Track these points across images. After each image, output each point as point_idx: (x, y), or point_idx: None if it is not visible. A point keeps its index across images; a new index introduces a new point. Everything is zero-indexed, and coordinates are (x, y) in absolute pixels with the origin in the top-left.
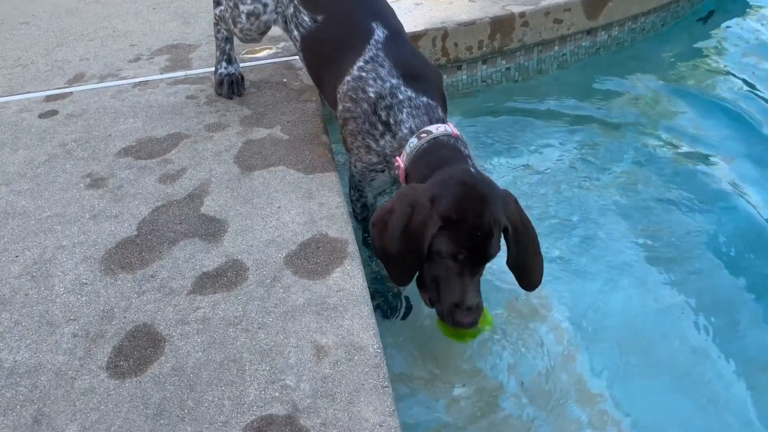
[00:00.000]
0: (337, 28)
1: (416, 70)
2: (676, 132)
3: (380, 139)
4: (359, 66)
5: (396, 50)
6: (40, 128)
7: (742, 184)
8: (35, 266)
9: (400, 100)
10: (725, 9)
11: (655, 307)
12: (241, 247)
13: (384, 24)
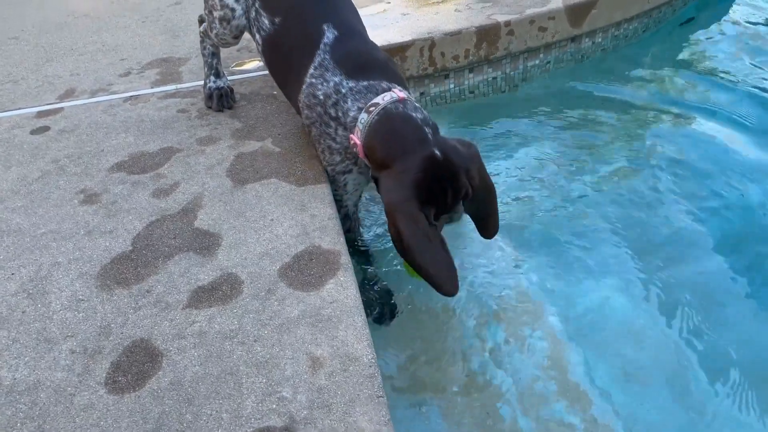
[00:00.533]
0: (292, 32)
1: (360, 62)
2: (662, 136)
3: (335, 135)
4: (311, 73)
5: (341, 49)
6: (32, 144)
7: (731, 187)
8: (31, 283)
9: (344, 93)
10: (705, 15)
11: (647, 309)
12: (236, 260)
13: (335, 24)
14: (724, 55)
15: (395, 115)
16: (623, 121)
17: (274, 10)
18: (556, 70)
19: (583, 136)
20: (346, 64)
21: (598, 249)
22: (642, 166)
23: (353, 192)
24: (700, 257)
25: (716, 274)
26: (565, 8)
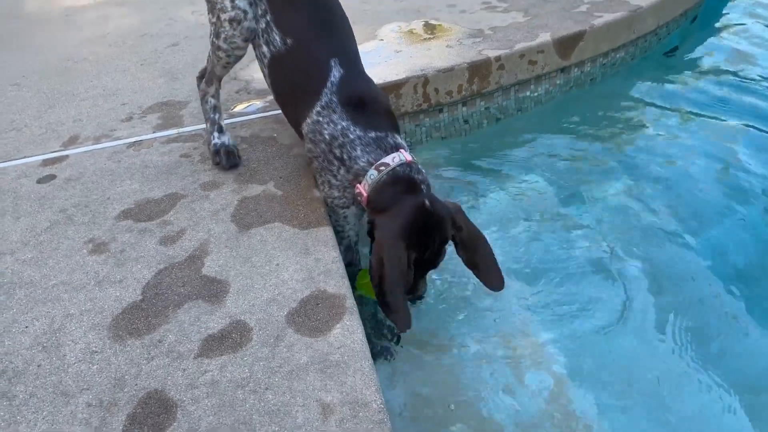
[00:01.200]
0: (301, 60)
1: (365, 108)
2: (655, 161)
3: (337, 173)
4: (317, 111)
5: (347, 91)
6: (39, 194)
7: (723, 212)
8: (45, 336)
9: (351, 139)
10: (689, 43)
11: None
12: (244, 306)
13: (341, 60)
14: (706, 80)
15: (401, 177)
16: (615, 146)
17: (286, 30)
18: (547, 99)
19: (577, 164)
20: (353, 109)
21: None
22: (638, 192)
23: (354, 224)
24: (701, 285)
25: (718, 302)
26: (554, 41)
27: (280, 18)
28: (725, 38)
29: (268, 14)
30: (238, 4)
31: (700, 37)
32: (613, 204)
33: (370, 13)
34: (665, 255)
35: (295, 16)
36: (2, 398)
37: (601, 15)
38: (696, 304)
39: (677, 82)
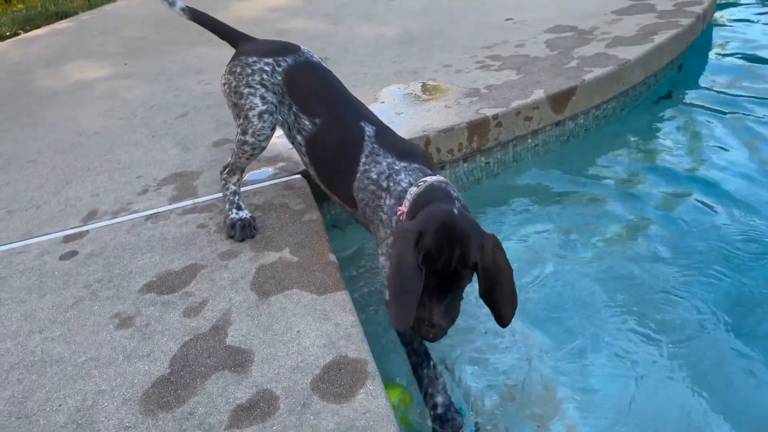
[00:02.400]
0: (335, 129)
1: (406, 149)
2: (650, 206)
3: (384, 206)
4: (363, 161)
5: (386, 139)
6: (63, 271)
7: (718, 253)
8: (78, 414)
9: (397, 170)
10: (681, 89)
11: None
12: (269, 375)
13: (369, 122)
14: (699, 124)
15: (437, 188)
16: (611, 193)
17: (312, 113)
18: (544, 152)
19: (577, 212)
20: (394, 149)
21: (605, 327)
22: (636, 239)
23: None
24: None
25: (723, 345)
26: (547, 98)
27: (304, 106)
28: (712, 85)
29: (293, 106)
30: (267, 98)
31: (690, 84)
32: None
33: (369, 76)
34: (666, 298)
35: (315, 100)
36: None
37: (591, 70)
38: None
39: (670, 127)
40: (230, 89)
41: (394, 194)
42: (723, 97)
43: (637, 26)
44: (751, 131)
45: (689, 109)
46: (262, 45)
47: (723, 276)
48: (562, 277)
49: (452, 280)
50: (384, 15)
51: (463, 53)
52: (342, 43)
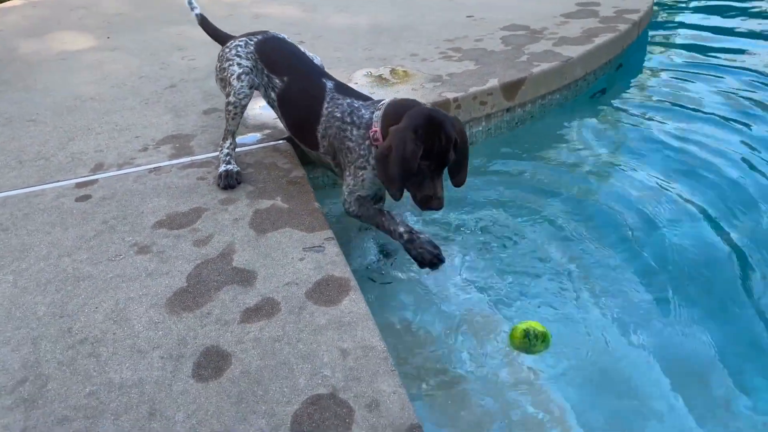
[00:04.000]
0: (300, 84)
1: (361, 95)
2: (587, 183)
3: (351, 135)
4: (326, 107)
5: (344, 90)
6: (80, 210)
7: (639, 226)
8: (114, 313)
9: (356, 107)
10: (615, 86)
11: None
12: (271, 288)
13: (328, 79)
14: (630, 117)
15: (397, 101)
16: (551, 172)
17: (281, 73)
18: (496, 134)
19: (522, 188)
20: (352, 95)
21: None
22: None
23: (369, 188)
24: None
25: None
26: (500, 86)
27: (273, 68)
28: (645, 83)
29: (265, 69)
30: (243, 63)
31: (624, 82)
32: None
33: (342, 60)
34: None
35: (282, 63)
36: (90, 356)
37: (538, 64)
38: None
39: (603, 119)
40: (217, 71)
41: (359, 125)
42: (653, 94)
43: (581, 29)
44: (672, 124)
45: (622, 104)
46: (239, 36)
47: (645, 245)
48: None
49: (442, 159)
50: (357, 6)
51: (428, 44)
52: (317, 30)
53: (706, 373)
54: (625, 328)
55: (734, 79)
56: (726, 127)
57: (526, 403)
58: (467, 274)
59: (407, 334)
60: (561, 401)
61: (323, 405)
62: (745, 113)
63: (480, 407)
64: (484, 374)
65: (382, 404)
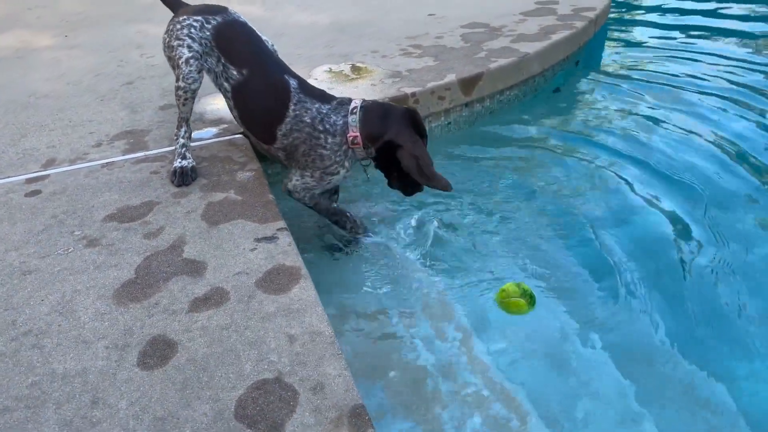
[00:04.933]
0: (261, 79)
1: (324, 95)
2: (543, 172)
3: (326, 144)
4: (292, 108)
5: (309, 90)
6: (30, 205)
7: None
8: (60, 305)
9: (325, 112)
10: (573, 82)
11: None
12: (220, 278)
13: (291, 76)
14: (585, 113)
15: (370, 104)
16: (510, 165)
17: (240, 65)
18: (455, 129)
19: (480, 183)
20: (318, 97)
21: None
22: (529, 206)
23: (327, 188)
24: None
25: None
26: (458, 81)
27: (232, 58)
28: (602, 79)
29: (222, 58)
30: (194, 47)
31: (582, 78)
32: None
33: (303, 57)
34: (552, 248)
35: (242, 54)
36: (33, 348)
37: (496, 60)
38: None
39: (560, 114)
40: (165, 45)
41: (333, 133)
42: (609, 89)
43: (539, 26)
44: (629, 118)
45: (580, 99)
46: (193, 7)
47: (597, 235)
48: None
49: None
50: (318, 5)
51: (389, 42)
52: (278, 28)
53: (652, 359)
54: (577, 315)
55: (691, 73)
56: (681, 119)
57: (480, 385)
58: (422, 263)
59: (361, 319)
60: (513, 385)
61: (268, 389)
62: (700, 106)
63: (433, 389)
64: (438, 358)
65: (327, 387)
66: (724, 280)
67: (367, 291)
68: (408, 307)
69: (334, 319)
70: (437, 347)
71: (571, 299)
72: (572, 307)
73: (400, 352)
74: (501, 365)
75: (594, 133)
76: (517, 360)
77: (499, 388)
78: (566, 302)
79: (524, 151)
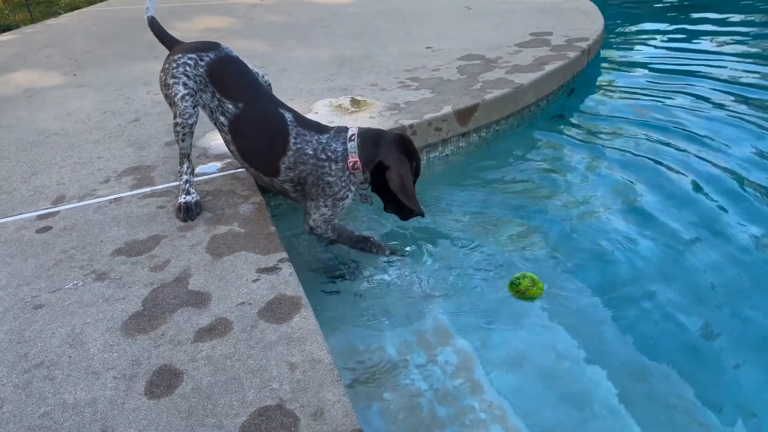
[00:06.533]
0: (257, 113)
1: (320, 125)
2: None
3: (332, 171)
4: (293, 142)
5: (305, 122)
6: (40, 241)
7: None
8: (70, 338)
9: (325, 142)
10: (568, 111)
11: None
12: (224, 308)
13: (285, 109)
14: (582, 138)
15: (365, 130)
16: (507, 191)
17: (235, 99)
18: (452, 159)
19: (478, 203)
20: (315, 129)
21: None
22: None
23: (342, 213)
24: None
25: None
26: (454, 112)
27: (227, 93)
28: (595, 107)
29: (216, 93)
30: (189, 84)
31: (576, 106)
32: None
33: (304, 91)
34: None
35: (237, 88)
36: (45, 379)
37: (491, 91)
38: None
39: (555, 142)
40: (161, 83)
41: (336, 159)
42: (603, 117)
43: (533, 57)
44: (622, 145)
45: (574, 127)
46: (187, 45)
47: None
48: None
49: (419, 171)
50: (318, 40)
51: (387, 75)
52: (280, 63)
53: (647, 376)
54: (574, 333)
55: (683, 102)
56: (675, 146)
57: (477, 409)
58: (419, 289)
59: (360, 346)
60: (511, 408)
61: (270, 415)
62: (692, 133)
63: (430, 413)
64: (435, 383)
65: (326, 412)
66: (727, 300)
67: (365, 318)
68: (405, 334)
69: (334, 347)
70: (434, 372)
71: (570, 321)
72: (572, 329)
73: (398, 377)
74: (499, 388)
75: (586, 160)
76: (515, 383)
77: (497, 412)
78: (565, 324)
79: (521, 177)
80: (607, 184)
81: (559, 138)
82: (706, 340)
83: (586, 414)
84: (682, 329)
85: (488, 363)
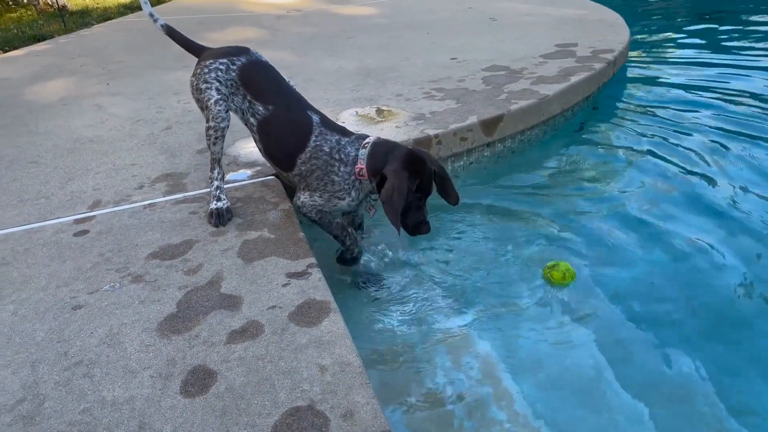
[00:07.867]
0: (286, 114)
1: (344, 129)
2: (564, 214)
3: (339, 171)
4: (314, 140)
5: (329, 125)
6: (78, 244)
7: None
8: (108, 338)
9: (343, 144)
10: (593, 122)
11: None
12: (256, 311)
13: (313, 112)
14: (606, 150)
15: (379, 142)
16: (530, 205)
17: (265, 101)
18: (477, 168)
19: (503, 222)
20: (338, 131)
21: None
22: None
23: (335, 211)
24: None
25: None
26: (479, 123)
27: (257, 96)
28: (621, 118)
29: (247, 96)
30: (220, 88)
31: (601, 118)
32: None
33: (331, 101)
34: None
35: (267, 91)
36: (84, 377)
37: (516, 102)
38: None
39: (580, 153)
40: (193, 88)
41: (346, 162)
42: (629, 128)
43: (558, 68)
44: (647, 157)
45: (599, 138)
46: (217, 50)
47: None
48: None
49: (428, 190)
50: (344, 51)
51: (412, 85)
52: (307, 73)
53: (679, 395)
54: (604, 349)
55: (710, 115)
56: (701, 159)
57: (504, 417)
58: (445, 296)
59: (388, 350)
60: (538, 419)
61: (301, 416)
62: (720, 146)
63: (457, 419)
64: (462, 390)
65: (356, 414)
66: (761, 317)
67: (393, 323)
68: (432, 339)
69: (362, 350)
70: (461, 378)
71: (600, 332)
72: (602, 339)
73: (425, 382)
74: (527, 397)
75: (612, 170)
76: (543, 393)
77: (523, 421)
78: (596, 335)
79: (544, 188)
80: (633, 195)
81: (582, 149)
82: (735, 351)
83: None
84: (728, 353)
85: (516, 372)
